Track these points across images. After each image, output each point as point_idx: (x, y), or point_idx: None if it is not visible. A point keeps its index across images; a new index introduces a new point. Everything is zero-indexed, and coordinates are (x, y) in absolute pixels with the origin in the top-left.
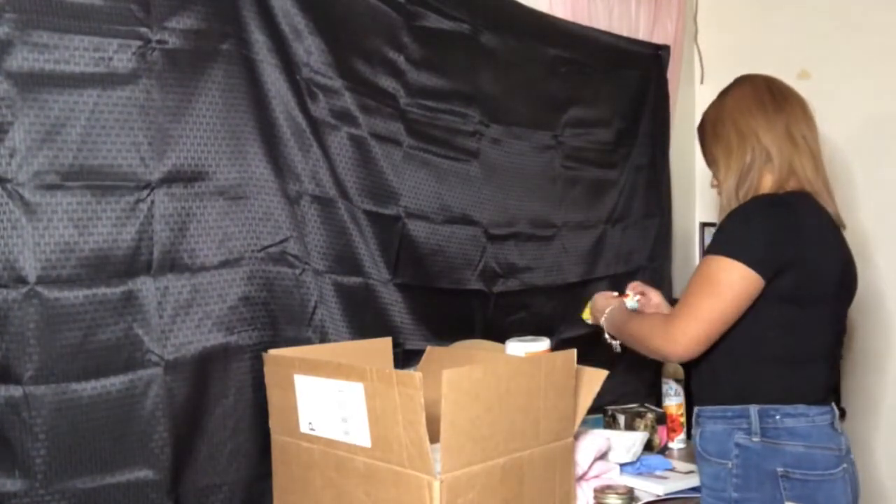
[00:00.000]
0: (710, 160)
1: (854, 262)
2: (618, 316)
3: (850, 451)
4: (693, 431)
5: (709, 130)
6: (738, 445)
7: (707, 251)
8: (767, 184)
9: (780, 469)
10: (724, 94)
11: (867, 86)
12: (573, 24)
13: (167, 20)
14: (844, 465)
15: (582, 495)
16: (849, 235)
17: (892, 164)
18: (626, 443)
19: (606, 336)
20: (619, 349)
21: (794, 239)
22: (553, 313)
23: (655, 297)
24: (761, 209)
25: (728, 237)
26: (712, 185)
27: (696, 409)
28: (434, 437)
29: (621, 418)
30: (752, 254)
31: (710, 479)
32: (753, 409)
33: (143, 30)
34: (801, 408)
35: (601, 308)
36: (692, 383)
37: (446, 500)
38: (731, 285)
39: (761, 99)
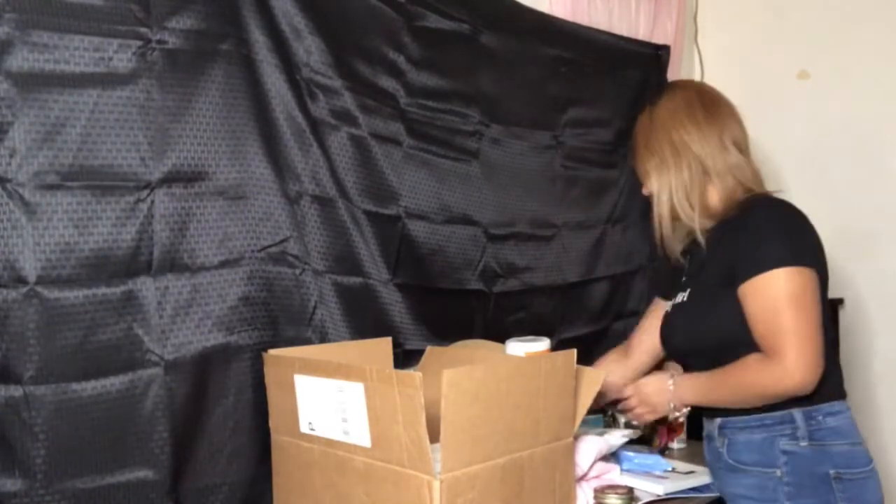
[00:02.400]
0: (643, 174)
1: None
2: (691, 385)
3: None
4: (715, 443)
5: (641, 143)
6: (785, 452)
7: (749, 273)
8: (717, 195)
9: (832, 471)
10: (654, 104)
11: (867, 86)
12: (573, 24)
13: (167, 20)
14: (874, 459)
15: (582, 495)
16: (846, 235)
17: (891, 163)
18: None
19: (675, 413)
20: (684, 418)
21: (812, 235)
22: (553, 313)
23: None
24: (774, 213)
25: (765, 249)
26: (650, 201)
27: (717, 420)
28: (434, 437)
29: (621, 418)
30: (800, 253)
31: (755, 491)
32: (798, 413)
33: (143, 30)
34: (836, 405)
35: (658, 389)
36: None
37: (446, 500)
38: (809, 292)
39: (692, 110)
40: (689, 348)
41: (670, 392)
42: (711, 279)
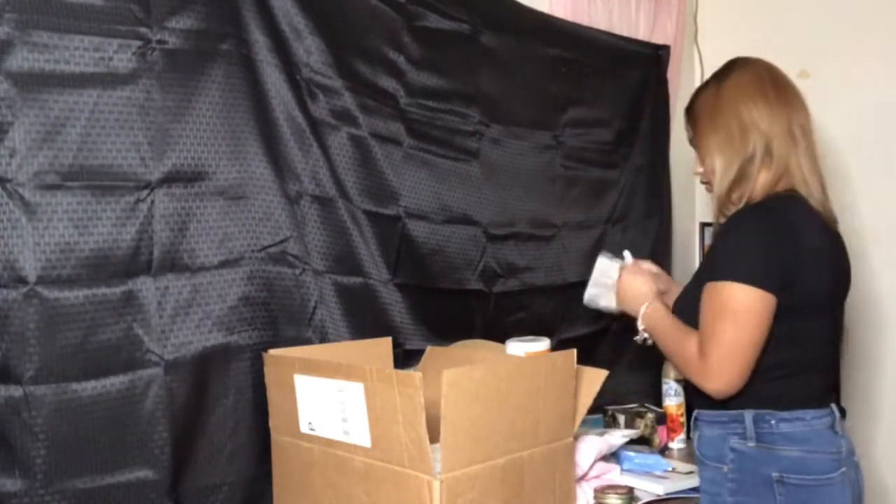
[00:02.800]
0: (704, 151)
1: (849, 261)
2: (656, 318)
3: (852, 452)
4: (692, 434)
5: (704, 118)
6: (733, 450)
7: (714, 276)
8: (761, 182)
9: (775, 474)
10: (721, 78)
11: (867, 86)
12: (573, 24)
13: (167, 20)
14: (843, 469)
15: (582, 495)
16: (847, 236)
17: (892, 164)
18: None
19: (640, 328)
20: (649, 343)
21: (793, 253)
22: (553, 313)
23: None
24: (760, 224)
25: (734, 259)
26: (702, 181)
27: (694, 412)
28: (434, 437)
29: (621, 418)
30: (762, 275)
31: (708, 484)
32: (748, 414)
33: (143, 30)
34: (797, 412)
35: (640, 296)
36: (688, 386)
37: (446, 500)
38: (754, 312)
39: (764, 87)
40: None
41: (641, 306)
42: (703, 270)
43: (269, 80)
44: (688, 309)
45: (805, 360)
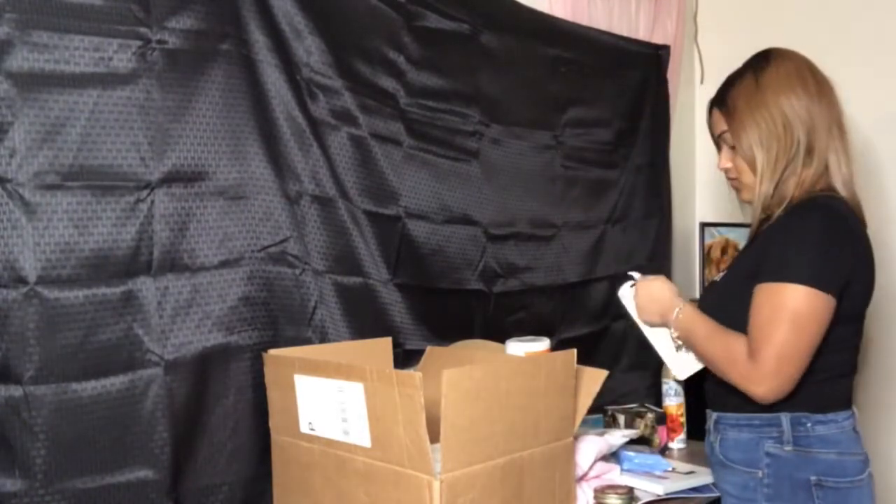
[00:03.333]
0: (744, 146)
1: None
2: (692, 322)
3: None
4: (710, 437)
5: (743, 111)
6: (768, 454)
7: (772, 276)
8: (802, 180)
9: (813, 478)
10: (758, 69)
11: (868, 87)
12: (573, 24)
13: (167, 20)
14: (869, 470)
15: (582, 495)
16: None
17: (892, 165)
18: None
19: (674, 335)
20: (682, 348)
21: (853, 256)
22: (553, 313)
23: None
24: (822, 225)
25: (798, 260)
26: (729, 177)
27: (714, 415)
28: (434, 437)
29: (621, 418)
30: (828, 278)
31: (737, 489)
32: (785, 418)
33: (143, 30)
34: (831, 415)
35: (665, 301)
36: (707, 388)
37: (446, 500)
38: (815, 316)
39: (805, 80)
40: None
41: (672, 311)
42: (743, 268)
43: (269, 80)
44: (722, 310)
45: (842, 364)
